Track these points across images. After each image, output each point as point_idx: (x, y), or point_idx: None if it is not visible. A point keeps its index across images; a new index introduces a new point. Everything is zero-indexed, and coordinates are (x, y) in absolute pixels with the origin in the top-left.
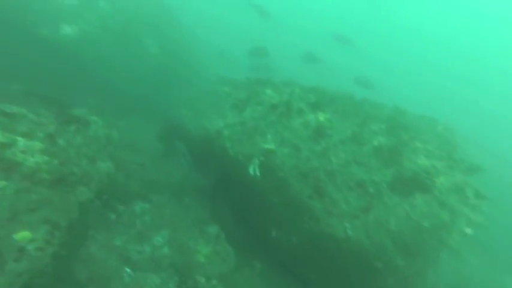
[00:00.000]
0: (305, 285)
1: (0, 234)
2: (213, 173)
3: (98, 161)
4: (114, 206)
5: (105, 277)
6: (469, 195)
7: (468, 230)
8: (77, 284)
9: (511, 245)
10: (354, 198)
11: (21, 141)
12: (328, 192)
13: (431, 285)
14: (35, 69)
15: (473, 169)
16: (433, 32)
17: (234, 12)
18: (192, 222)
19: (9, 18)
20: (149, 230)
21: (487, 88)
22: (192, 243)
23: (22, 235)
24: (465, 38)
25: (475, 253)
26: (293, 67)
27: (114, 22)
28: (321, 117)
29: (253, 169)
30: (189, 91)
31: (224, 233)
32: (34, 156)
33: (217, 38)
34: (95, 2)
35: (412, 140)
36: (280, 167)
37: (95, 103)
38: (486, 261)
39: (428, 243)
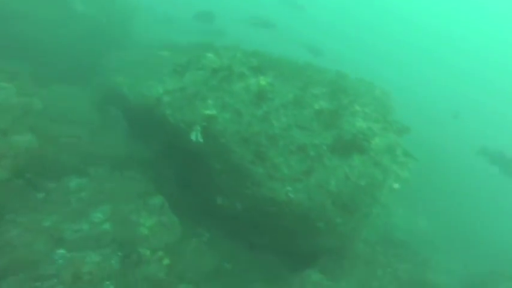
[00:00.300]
0: (252, 249)
1: None
2: (154, 142)
3: (13, 135)
4: (42, 184)
5: (31, 263)
6: (399, 153)
7: (396, 185)
8: None
9: (428, 195)
10: (296, 162)
11: None
12: (270, 157)
13: (366, 237)
14: None
15: (404, 130)
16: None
17: None
18: (135, 194)
19: None
20: (87, 206)
21: (425, 52)
22: (135, 216)
23: None
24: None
25: (402, 204)
26: (243, 32)
27: None
28: (263, 81)
29: (196, 136)
30: (126, 56)
31: (169, 203)
32: None
33: (164, 3)
34: None
35: (352, 104)
36: (222, 132)
37: (8, 67)
38: (409, 209)
39: (363, 201)
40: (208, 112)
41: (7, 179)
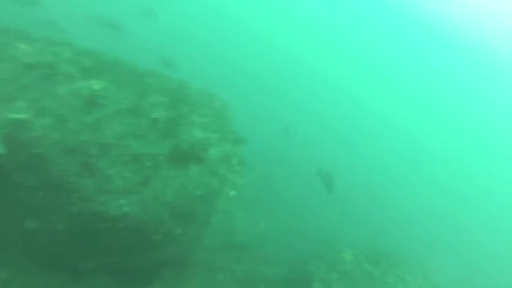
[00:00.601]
0: (78, 277)
1: None
2: None
3: None
4: None
5: None
6: (234, 163)
7: (233, 193)
8: None
9: (265, 198)
10: (131, 173)
11: None
12: (101, 168)
13: (207, 245)
14: None
15: (240, 140)
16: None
17: None
18: None
19: None
20: None
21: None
22: None
23: None
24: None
25: (243, 210)
26: (84, 30)
27: None
28: (96, 85)
29: None
30: None
31: None
32: None
33: None
34: None
35: (191, 114)
36: (37, 141)
37: None
38: (250, 214)
39: (202, 210)
40: (16, 116)
41: None
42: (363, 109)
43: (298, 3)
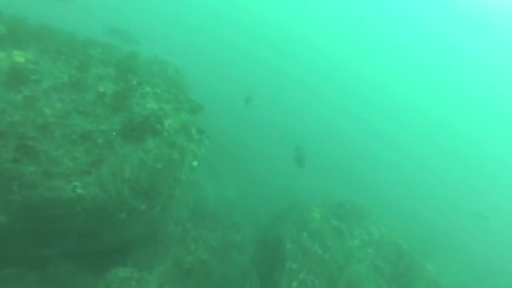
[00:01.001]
0: (36, 265)
1: None
2: None
3: None
4: None
5: None
6: (193, 132)
7: (195, 163)
8: None
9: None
10: (81, 153)
11: None
12: (44, 151)
13: (176, 217)
14: None
15: (197, 108)
16: None
17: None
18: None
19: None
20: None
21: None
22: None
23: None
24: None
25: (209, 178)
26: None
27: None
28: (20, 57)
29: None
30: None
31: None
32: None
33: None
34: None
35: (141, 85)
36: None
37: None
38: (216, 181)
39: (165, 183)
40: None
41: None
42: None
43: None
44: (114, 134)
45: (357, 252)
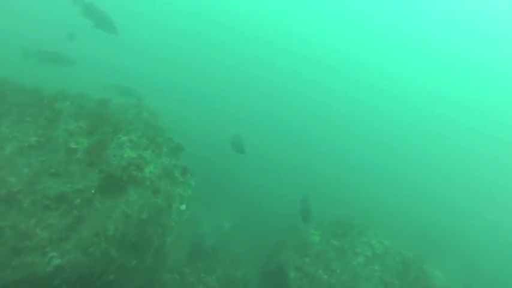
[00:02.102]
0: None
1: None
2: None
3: None
4: None
5: None
6: (177, 175)
7: (183, 206)
8: None
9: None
10: (57, 218)
11: None
12: (10, 225)
13: (172, 264)
14: None
15: (177, 149)
16: None
17: None
18: None
19: None
20: None
21: None
22: None
23: None
24: None
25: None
26: None
27: None
28: None
29: None
30: None
31: None
32: None
33: None
34: None
35: (116, 134)
36: None
37: None
38: (212, 217)
39: (153, 233)
40: None
41: None
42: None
43: None
44: (93, 191)
45: (363, 270)
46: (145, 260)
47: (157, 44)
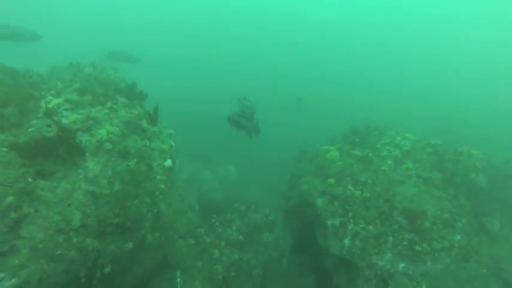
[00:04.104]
0: None
1: None
2: None
3: None
4: None
5: None
6: (146, 126)
7: (168, 163)
8: None
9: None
10: None
11: None
12: None
13: (184, 227)
14: None
15: (139, 96)
16: None
17: None
18: None
19: None
20: None
21: None
22: None
23: None
24: None
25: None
26: None
27: None
28: None
29: None
30: None
31: None
32: None
33: None
34: None
35: (44, 98)
36: None
37: None
38: (211, 168)
39: (139, 204)
40: None
41: None
42: None
43: None
44: (30, 180)
45: (396, 173)
46: (144, 237)
47: None
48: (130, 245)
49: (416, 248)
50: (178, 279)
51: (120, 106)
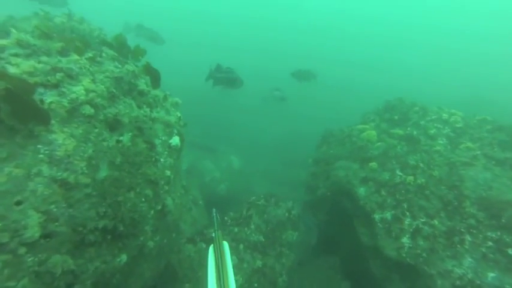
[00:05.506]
0: None
1: None
2: None
3: None
4: None
5: None
6: (145, 87)
7: (174, 140)
8: None
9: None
10: None
11: None
12: None
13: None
14: None
15: (135, 52)
16: None
17: None
18: None
19: None
20: None
21: None
22: None
23: None
24: None
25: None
26: None
27: None
28: None
29: None
30: None
31: None
32: None
33: None
34: None
35: None
36: None
37: None
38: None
39: (136, 200)
40: None
41: None
42: None
43: None
44: None
45: (455, 154)
46: (144, 246)
47: None
48: (124, 258)
49: (510, 251)
50: (215, 215)
51: (107, 59)
